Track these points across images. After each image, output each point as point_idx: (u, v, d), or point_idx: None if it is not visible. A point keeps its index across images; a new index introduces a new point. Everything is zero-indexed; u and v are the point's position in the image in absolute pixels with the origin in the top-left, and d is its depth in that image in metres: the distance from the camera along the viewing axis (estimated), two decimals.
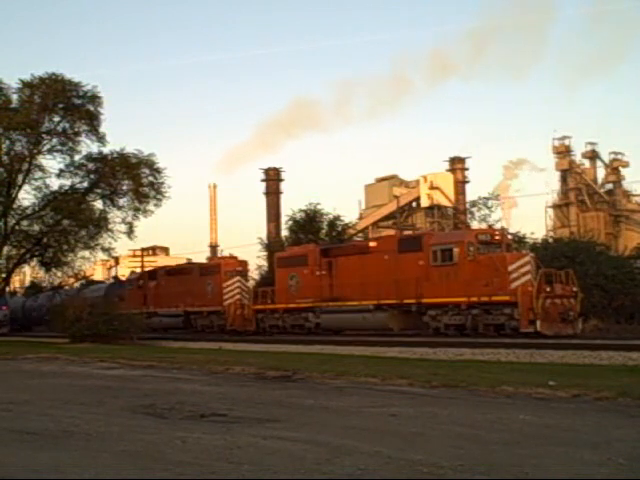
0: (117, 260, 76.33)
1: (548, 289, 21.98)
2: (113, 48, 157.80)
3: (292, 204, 47.41)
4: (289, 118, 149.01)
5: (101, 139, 31.68)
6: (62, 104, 30.73)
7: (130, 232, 32.99)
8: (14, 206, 32.35)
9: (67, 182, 32.79)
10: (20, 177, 31.64)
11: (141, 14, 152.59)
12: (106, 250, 34.03)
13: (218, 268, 34.92)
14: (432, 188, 64.16)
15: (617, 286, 29.35)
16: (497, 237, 24.68)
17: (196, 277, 35.65)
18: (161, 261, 68.99)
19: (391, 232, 56.78)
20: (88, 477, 5.21)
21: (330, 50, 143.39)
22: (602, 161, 64.77)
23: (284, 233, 48.11)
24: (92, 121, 31.23)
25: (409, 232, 52.20)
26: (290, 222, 42.13)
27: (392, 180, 71.99)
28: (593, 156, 64.47)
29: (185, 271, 38.06)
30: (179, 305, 35.55)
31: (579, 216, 61.27)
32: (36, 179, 32.35)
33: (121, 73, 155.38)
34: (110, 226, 32.93)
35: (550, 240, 36.90)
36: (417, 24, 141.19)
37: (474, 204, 44.91)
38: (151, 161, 31.98)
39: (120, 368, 15.05)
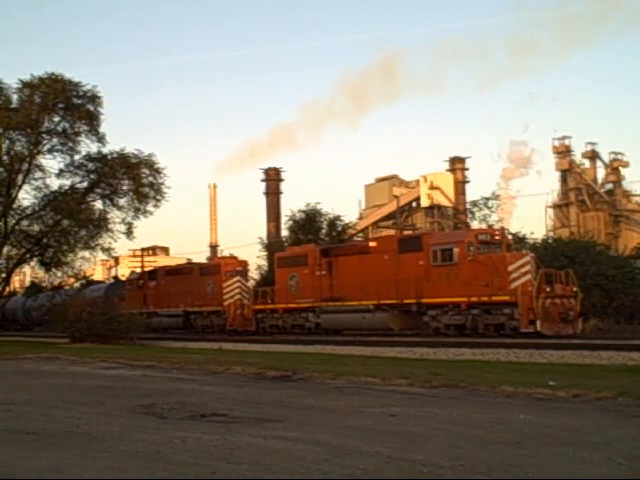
0: (117, 260, 76.53)
1: (548, 289, 21.98)
2: (113, 47, 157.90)
3: (292, 204, 47.48)
4: (289, 119, 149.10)
5: (101, 139, 31.75)
6: (62, 104, 30.73)
7: (129, 232, 33.00)
8: (14, 206, 32.37)
9: (67, 182, 32.87)
10: (20, 177, 31.67)
11: (141, 13, 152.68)
12: (106, 250, 34.02)
13: (218, 268, 34.91)
14: (432, 188, 64.12)
15: (617, 286, 29.35)
16: (497, 237, 24.65)
17: (196, 277, 35.64)
18: (161, 261, 69.03)
19: (391, 232, 56.80)
20: (88, 477, 5.21)
21: (331, 50, 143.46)
22: (602, 161, 64.73)
23: (284, 233, 48.18)
24: (92, 121, 31.24)
25: (409, 232, 52.23)
26: (290, 222, 42.17)
27: (392, 180, 71.98)
28: (593, 156, 64.39)
29: (185, 271, 38.05)
30: (179, 305, 35.55)
31: (579, 216, 61.20)
32: (36, 179, 32.42)
33: (121, 72, 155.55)
34: (110, 226, 32.96)
35: (550, 240, 36.85)
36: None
37: (474, 204, 44.91)
38: (151, 161, 31.99)
39: (120, 368, 15.05)
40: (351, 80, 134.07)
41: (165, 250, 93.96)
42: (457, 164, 67.50)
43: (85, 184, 32.82)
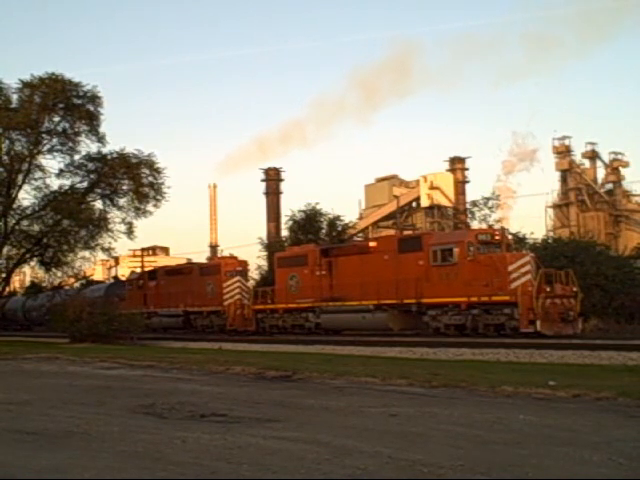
0: (117, 260, 76.56)
1: (548, 289, 21.98)
2: (113, 47, 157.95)
3: (292, 204, 47.49)
4: (298, 116, 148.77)
5: (101, 139, 31.77)
6: (62, 104, 30.75)
7: (130, 232, 33.01)
8: (14, 206, 32.37)
9: (67, 182, 32.88)
10: (20, 177, 31.67)
11: (141, 13, 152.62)
12: (106, 250, 34.02)
13: (218, 268, 34.92)
14: (432, 188, 64.13)
15: (617, 286, 29.34)
16: (497, 237, 24.64)
17: (196, 277, 35.65)
18: (161, 261, 69.03)
19: (391, 232, 56.79)
20: (88, 477, 5.21)
21: (340, 48, 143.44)
22: (602, 161, 64.72)
23: (284, 233, 48.20)
24: (92, 121, 31.25)
25: (409, 232, 52.23)
26: (290, 222, 42.19)
27: (392, 180, 72.00)
28: (593, 156, 64.38)
29: (185, 271, 38.05)
30: (179, 305, 35.56)
31: (579, 216, 61.19)
32: (36, 179, 32.42)
33: (121, 72, 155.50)
34: (110, 226, 32.96)
35: (550, 240, 36.84)
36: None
37: (475, 204, 44.86)
38: (151, 161, 32.00)
39: (120, 368, 15.05)
40: (363, 77, 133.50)
41: (165, 250, 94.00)
42: (457, 164, 67.50)
43: (85, 184, 32.85)
